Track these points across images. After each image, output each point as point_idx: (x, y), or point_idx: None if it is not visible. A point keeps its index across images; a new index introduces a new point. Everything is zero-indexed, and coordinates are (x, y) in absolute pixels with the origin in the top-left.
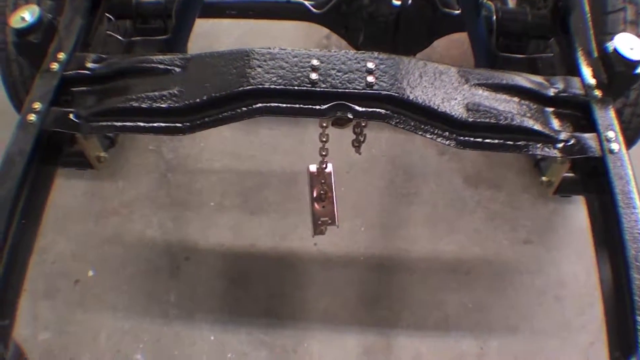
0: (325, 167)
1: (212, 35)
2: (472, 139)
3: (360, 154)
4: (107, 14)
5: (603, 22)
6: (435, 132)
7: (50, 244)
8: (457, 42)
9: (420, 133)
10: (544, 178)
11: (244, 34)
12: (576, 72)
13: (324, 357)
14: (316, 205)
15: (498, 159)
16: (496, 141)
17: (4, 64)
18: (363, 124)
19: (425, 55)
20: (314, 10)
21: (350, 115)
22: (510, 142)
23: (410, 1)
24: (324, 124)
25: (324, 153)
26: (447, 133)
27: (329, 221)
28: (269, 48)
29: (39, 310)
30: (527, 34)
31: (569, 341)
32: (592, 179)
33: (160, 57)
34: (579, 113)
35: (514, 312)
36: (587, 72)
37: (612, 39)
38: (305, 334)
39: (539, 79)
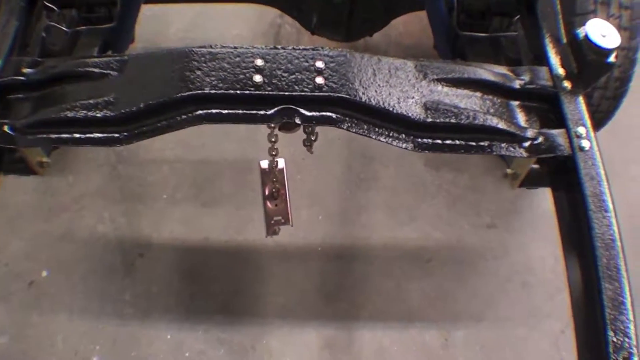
0: (277, 165)
1: (162, 17)
2: (431, 140)
3: (312, 152)
4: (50, 4)
5: (572, 2)
6: (391, 134)
7: (2, 245)
8: (417, 17)
9: (374, 137)
10: (508, 170)
11: (196, 15)
12: (543, 60)
13: (283, 353)
14: (268, 203)
15: None
16: (457, 142)
17: None
18: (314, 122)
19: (383, 33)
20: None
21: (298, 121)
22: (473, 143)
23: None
24: (272, 125)
25: (274, 153)
26: (403, 135)
27: (283, 221)
28: (210, 47)
29: None
30: (490, 12)
31: (537, 329)
32: (561, 175)
33: (96, 60)
34: (546, 106)
35: (479, 300)
36: (555, 60)
37: (583, 22)
38: (264, 330)
39: (503, 70)
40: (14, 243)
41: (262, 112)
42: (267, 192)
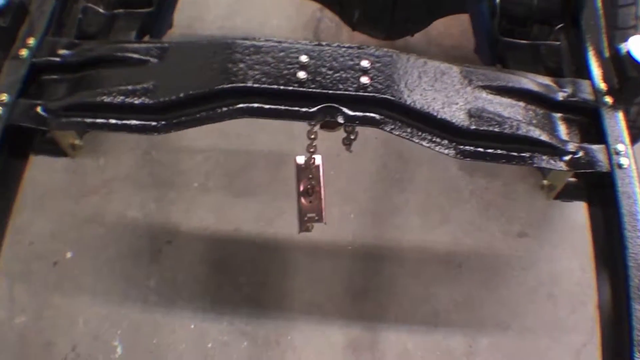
0: (314, 162)
1: (201, 3)
2: (473, 148)
3: (351, 152)
4: None
5: (614, 16)
6: (434, 140)
7: (28, 224)
8: (457, 20)
9: (416, 141)
10: (545, 182)
11: (234, 3)
12: (585, 72)
13: (307, 350)
14: (303, 200)
15: None
16: (499, 151)
17: None
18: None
19: (424, 34)
20: None
21: (340, 120)
22: (515, 153)
23: None
24: (312, 122)
25: (312, 150)
26: (446, 141)
27: (316, 218)
28: (254, 39)
29: (15, 292)
30: (532, 19)
31: (560, 341)
32: (598, 190)
33: (136, 45)
34: (587, 120)
35: (505, 308)
36: (597, 74)
37: (624, 37)
38: (289, 325)
39: (546, 80)
40: (40, 222)
41: (304, 109)
42: (301, 189)
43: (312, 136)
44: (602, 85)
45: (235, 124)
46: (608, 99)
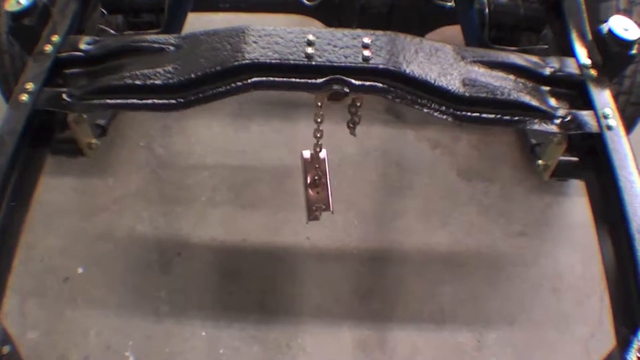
0: (319, 152)
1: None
2: (469, 113)
3: (355, 135)
4: (100, 9)
5: (596, 10)
6: (432, 106)
7: (39, 241)
8: (449, 38)
9: (417, 107)
10: (540, 162)
11: None
12: (570, 53)
13: (317, 352)
14: (310, 191)
15: (491, 153)
16: (493, 116)
17: None
18: (358, 104)
19: None
20: (307, 2)
21: (346, 90)
22: (508, 117)
23: None
24: (319, 103)
25: (318, 135)
26: (443, 107)
27: (323, 207)
28: (264, 27)
29: (27, 308)
30: (519, 27)
31: (567, 333)
32: (590, 157)
33: (155, 37)
34: (574, 92)
35: (511, 303)
36: (581, 52)
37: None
38: (299, 328)
39: (534, 58)
40: (50, 239)
41: (312, 81)
42: (309, 181)
43: (319, 119)
44: (587, 61)
45: (239, 142)
46: (593, 72)
